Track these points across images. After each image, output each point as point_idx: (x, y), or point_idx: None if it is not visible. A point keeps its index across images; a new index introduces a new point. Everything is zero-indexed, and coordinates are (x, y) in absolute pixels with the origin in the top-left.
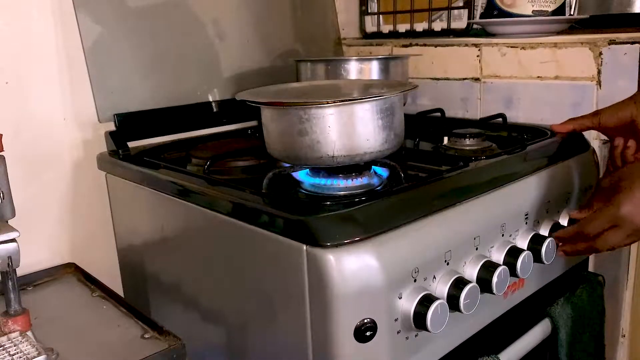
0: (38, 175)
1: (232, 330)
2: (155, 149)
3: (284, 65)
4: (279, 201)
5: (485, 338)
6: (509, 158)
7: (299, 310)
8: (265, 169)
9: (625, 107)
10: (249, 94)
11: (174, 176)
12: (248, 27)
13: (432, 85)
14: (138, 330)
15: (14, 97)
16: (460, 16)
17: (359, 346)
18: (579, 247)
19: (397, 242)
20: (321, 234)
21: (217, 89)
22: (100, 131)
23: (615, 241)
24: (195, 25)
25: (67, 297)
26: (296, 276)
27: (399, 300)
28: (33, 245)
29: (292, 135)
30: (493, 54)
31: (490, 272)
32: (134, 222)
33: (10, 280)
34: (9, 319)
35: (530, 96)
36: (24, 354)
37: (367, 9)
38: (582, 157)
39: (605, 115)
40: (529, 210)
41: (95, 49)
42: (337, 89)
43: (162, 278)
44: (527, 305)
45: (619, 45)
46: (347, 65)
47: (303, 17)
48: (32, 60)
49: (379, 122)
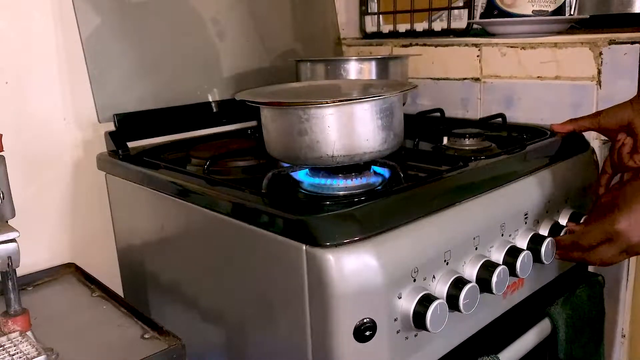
0: (38, 175)
1: (231, 330)
2: (155, 149)
3: (284, 65)
4: (279, 201)
5: (485, 338)
6: (508, 158)
7: (299, 310)
8: (265, 169)
9: (623, 109)
10: (248, 94)
11: (174, 176)
12: (248, 27)
13: (432, 85)
14: (138, 330)
15: (14, 97)
16: (460, 16)
17: (359, 346)
18: (573, 255)
19: (396, 242)
20: (321, 234)
21: (217, 89)
22: (100, 131)
23: (607, 255)
24: (195, 25)
25: (67, 297)
26: (296, 276)
27: (398, 300)
28: (33, 245)
29: (292, 135)
30: (493, 54)
31: (490, 271)
32: (134, 222)
33: (10, 280)
34: (9, 319)
35: (530, 96)
36: (23, 354)
37: (367, 9)
38: (582, 157)
39: (605, 117)
40: (529, 210)
41: (95, 49)
42: (336, 89)
43: (162, 278)
44: (527, 305)
45: (619, 45)
46: (347, 65)
47: (303, 17)
48: (32, 60)
49: (379, 122)
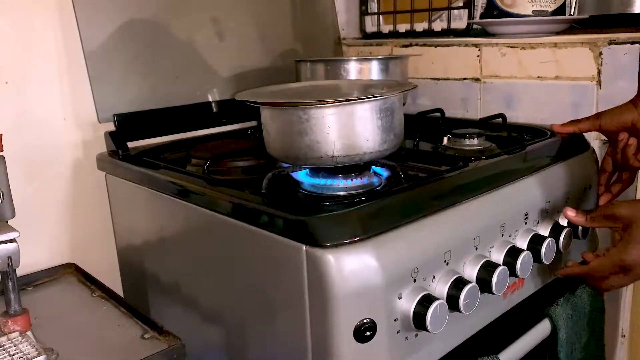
0: (38, 175)
1: (231, 330)
2: (155, 149)
3: (284, 65)
4: (279, 201)
5: (485, 338)
6: (508, 158)
7: (299, 311)
8: (265, 169)
9: (625, 110)
10: (248, 94)
11: (174, 176)
12: (248, 27)
13: (432, 85)
14: (138, 330)
15: (14, 97)
16: (460, 16)
17: (359, 346)
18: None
19: (396, 242)
20: (321, 234)
21: (217, 89)
22: (100, 131)
23: (619, 284)
24: (195, 25)
25: (67, 297)
26: (296, 276)
27: (398, 301)
28: (33, 245)
29: (292, 136)
30: (493, 54)
31: (490, 272)
32: (134, 222)
33: (10, 280)
34: (9, 319)
35: (530, 96)
36: (24, 354)
37: (367, 9)
38: (582, 157)
39: (606, 118)
40: (529, 210)
41: (95, 49)
42: (337, 89)
43: (162, 278)
44: (527, 305)
45: (619, 45)
46: (347, 65)
47: (303, 17)
48: (32, 60)
49: (379, 122)
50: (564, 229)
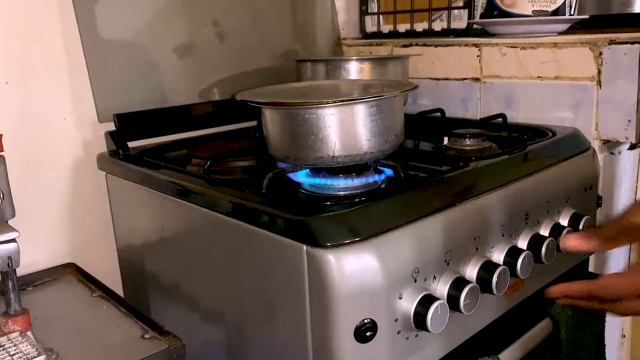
0: (38, 175)
1: (232, 330)
2: (155, 149)
3: (284, 65)
4: (279, 201)
5: (486, 338)
6: (509, 158)
7: (299, 311)
8: (265, 169)
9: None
10: (249, 94)
11: (174, 176)
12: (248, 27)
13: (432, 85)
14: (138, 330)
15: (14, 97)
16: (461, 16)
17: (359, 346)
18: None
19: (397, 243)
20: (321, 234)
21: (217, 89)
22: (100, 131)
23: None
24: (195, 26)
25: (67, 297)
26: (296, 276)
27: (399, 301)
28: (33, 245)
29: (293, 135)
30: (493, 54)
31: (491, 272)
32: (134, 222)
33: (10, 280)
34: (9, 319)
35: (530, 96)
36: (23, 354)
37: (367, 9)
38: (582, 157)
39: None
40: (529, 210)
41: (95, 49)
42: (337, 89)
43: (162, 278)
44: (528, 305)
45: (619, 45)
46: (347, 65)
47: (303, 17)
48: (32, 60)
49: (380, 122)
50: (565, 229)
